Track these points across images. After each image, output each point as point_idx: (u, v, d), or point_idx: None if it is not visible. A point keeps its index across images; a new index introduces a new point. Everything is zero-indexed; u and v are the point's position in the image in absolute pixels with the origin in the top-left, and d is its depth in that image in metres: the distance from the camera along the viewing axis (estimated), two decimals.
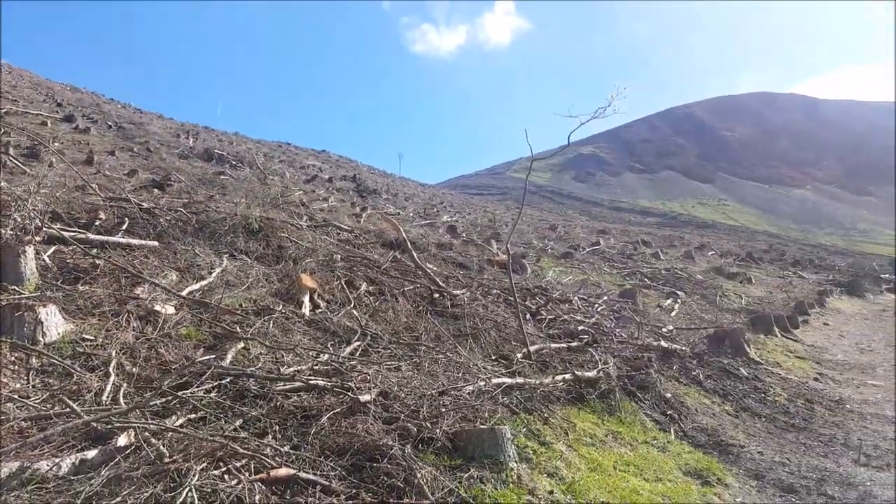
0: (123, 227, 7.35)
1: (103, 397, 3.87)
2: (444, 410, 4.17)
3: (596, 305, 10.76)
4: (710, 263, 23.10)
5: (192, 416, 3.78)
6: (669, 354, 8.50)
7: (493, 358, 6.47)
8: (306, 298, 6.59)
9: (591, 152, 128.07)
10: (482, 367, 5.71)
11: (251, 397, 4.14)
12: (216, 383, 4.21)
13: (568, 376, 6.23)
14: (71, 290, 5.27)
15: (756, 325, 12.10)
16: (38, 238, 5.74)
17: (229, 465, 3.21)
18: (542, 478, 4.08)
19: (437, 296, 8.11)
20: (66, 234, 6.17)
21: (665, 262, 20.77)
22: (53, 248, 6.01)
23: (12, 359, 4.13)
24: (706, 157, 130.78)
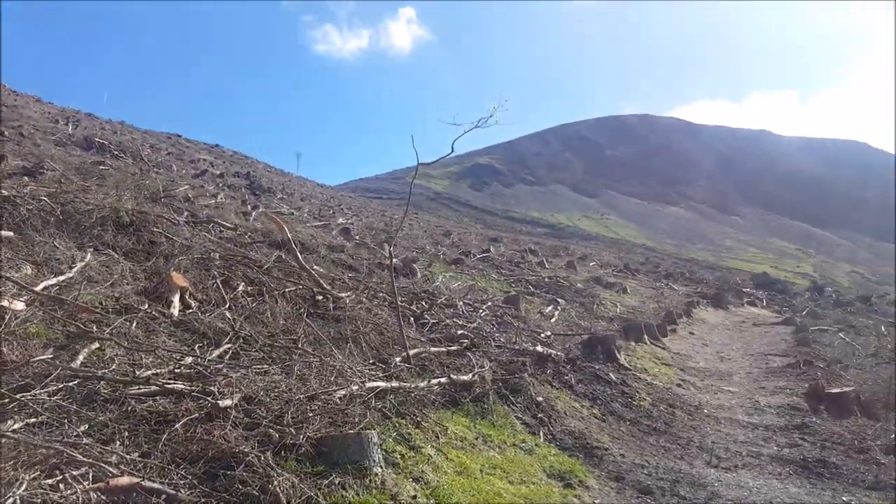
0: None
1: None
2: (311, 415, 4.10)
3: (480, 311, 11.03)
4: (591, 273, 24.43)
5: (31, 420, 3.48)
6: (545, 359, 8.85)
7: (372, 362, 6.44)
8: (176, 298, 6.23)
9: (488, 162, 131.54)
10: (358, 371, 5.67)
11: (101, 401, 3.86)
12: (62, 386, 3.89)
13: (444, 380, 6.33)
14: None
15: (628, 333, 12.90)
16: None
17: (66, 474, 2.99)
18: (408, 482, 4.12)
19: (320, 298, 7.96)
20: None
21: (549, 271, 21.69)
22: None
23: None
24: (592, 172, 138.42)
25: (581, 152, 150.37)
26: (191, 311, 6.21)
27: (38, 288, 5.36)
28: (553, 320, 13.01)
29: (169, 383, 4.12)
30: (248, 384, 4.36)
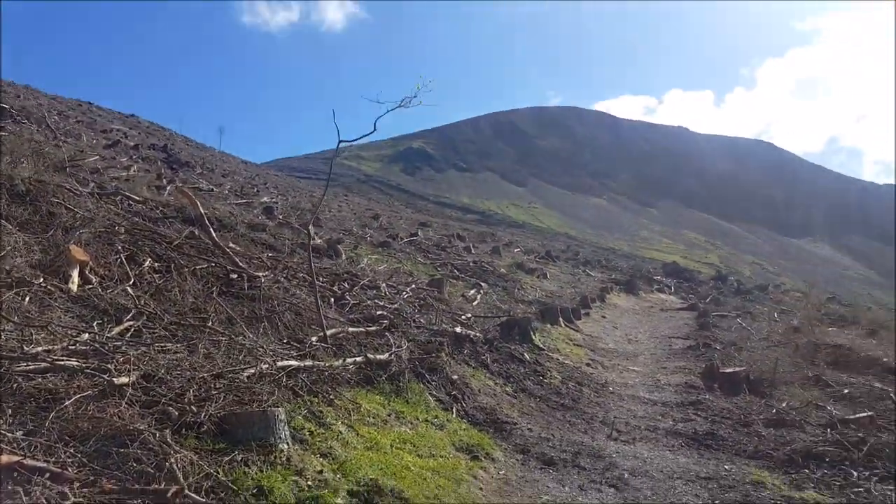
0: None
1: None
2: (214, 394, 4.02)
3: (403, 293, 11.08)
4: (514, 259, 24.98)
5: None
6: (463, 340, 9.02)
7: (286, 341, 6.37)
8: (75, 272, 5.91)
9: (420, 147, 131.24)
10: (271, 350, 5.59)
11: None
12: None
13: (360, 359, 6.35)
14: None
15: (545, 316, 13.33)
16: None
17: None
18: (314, 458, 4.12)
19: (234, 276, 7.75)
20: None
21: (475, 256, 22.01)
22: None
23: None
24: (521, 161, 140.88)
25: (512, 141, 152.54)
26: (91, 286, 5.92)
27: None
28: (475, 303, 13.25)
29: (60, 360, 3.92)
30: (148, 362, 4.22)
